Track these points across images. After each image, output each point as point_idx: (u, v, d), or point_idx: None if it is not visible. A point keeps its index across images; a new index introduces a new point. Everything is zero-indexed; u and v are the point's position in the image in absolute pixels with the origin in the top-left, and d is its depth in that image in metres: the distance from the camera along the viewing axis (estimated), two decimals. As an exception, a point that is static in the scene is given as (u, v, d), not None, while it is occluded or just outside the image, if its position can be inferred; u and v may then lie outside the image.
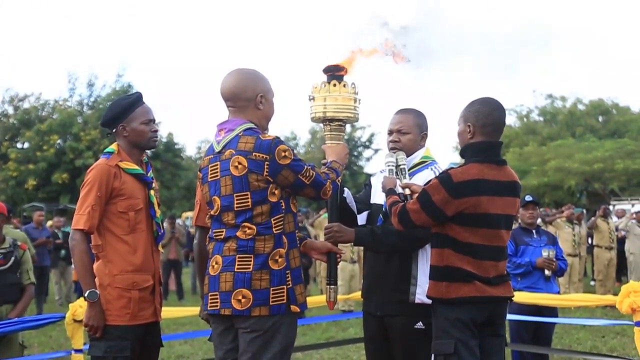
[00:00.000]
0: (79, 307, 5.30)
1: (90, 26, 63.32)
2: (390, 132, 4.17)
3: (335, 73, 3.96)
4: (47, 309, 13.50)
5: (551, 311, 6.56)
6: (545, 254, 6.48)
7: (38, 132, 31.14)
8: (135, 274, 3.91)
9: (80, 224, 3.83)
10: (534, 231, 6.78)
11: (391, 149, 4.12)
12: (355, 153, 41.48)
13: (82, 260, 3.84)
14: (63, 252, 14.65)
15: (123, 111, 4.01)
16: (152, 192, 4.07)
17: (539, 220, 7.34)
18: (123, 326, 3.86)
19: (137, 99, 4.07)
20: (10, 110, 33.87)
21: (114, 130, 4.06)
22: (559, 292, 6.83)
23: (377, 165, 39.78)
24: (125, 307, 3.87)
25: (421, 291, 3.88)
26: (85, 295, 3.82)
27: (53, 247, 14.64)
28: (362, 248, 11.73)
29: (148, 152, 4.24)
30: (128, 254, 3.92)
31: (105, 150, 4.06)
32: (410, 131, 4.13)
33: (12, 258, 5.73)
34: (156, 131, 4.11)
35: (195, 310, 6.56)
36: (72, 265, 14.26)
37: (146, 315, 3.96)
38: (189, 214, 28.15)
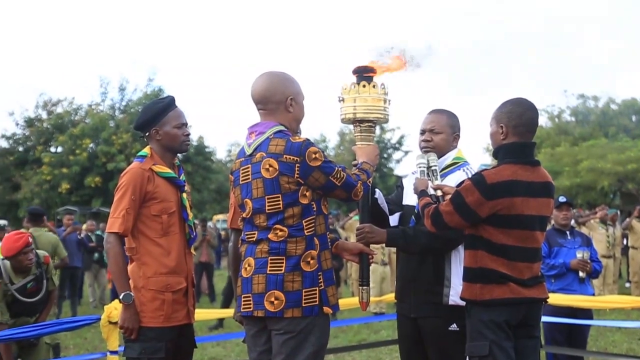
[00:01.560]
0: (113, 309, 5.34)
1: (121, 31, 63.94)
2: (423, 132, 4.16)
3: (364, 74, 3.95)
4: (82, 311, 13.63)
5: (586, 313, 6.50)
6: (579, 255, 6.41)
7: (71, 136, 31.49)
8: (169, 276, 3.94)
9: (114, 227, 3.86)
10: (567, 232, 6.72)
11: (423, 148, 4.11)
12: (385, 155, 41.39)
13: (117, 262, 3.87)
14: (96, 254, 14.78)
15: (156, 115, 4.04)
16: (184, 195, 4.09)
17: (572, 222, 7.26)
18: (157, 328, 3.89)
19: (170, 103, 4.09)
20: (44, 115, 34.27)
21: (146, 134, 4.09)
22: (593, 294, 6.76)
23: (407, 167, 39.72)
24: (159, 309, 3.90)
25: (455, 293, 3.86)
26: (120, 297, 3.85)
27: (86, 250, 14.80)
28: (393, 250, 11.72)
29: (179, 155, 4.27)
30: (161, 256, 3.95)
31: (139, 154, 4.10)
32: (442, 131, 4.12)
33: (44, 281, 5.84)
34: (188, 135, 4.13)
35: (227, 312, 6.60)
36: (105, 268, 14.45)
37: (179, 317, 3.99)
38: (220, 216, 28.34)
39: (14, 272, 5.75)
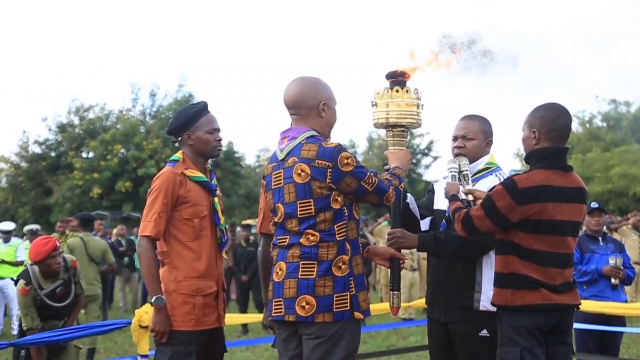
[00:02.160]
0: (144, 313, 5.39)
1: (152, 37, 64.47)
2: (455, 138, 4.15)
3: (397, 79, 3.95)
4: (112, 315, 13.74)
5: (618, 320, 6.43)
6: (612, 261, 6.34)
7: (102, 141, 31.79)
8: (200, 280, 3.96)
9: (147, 230, 3.90)
10: (600, 238, 6.66)
11: (456, 154, 4.09)
12: (414, 160, 41.24)
13: (149, 266, 3.90)
14: (126, 259, 14.89)
15: (188, 120, 4.07)
16: (216, 199, 4.12)
17: (604, 228, 7.18)
18: (188, 331, 3.92)
19: (203, 108, 4.12)
20: (76, 121, 34.63)
21: (179, 139, 4.12)
22: (626, 301, 6.68)
23: (436, 173, 39.51)
24: (190, 312, 3.93)
25: (486, 298, 3.84)
26: (152, 301, 3.88)
27: (116, 254, 14.92)
28: (422, 256, 11.66)
29: (210, 160, 4.30)
30: (192, 260, 3.97)
31: (171, 158, 4.13)
32: (475, 137, 4.10)
33: (72, 286, 5.90)
34: (220, 140, 4.16)
35: (256, 317, 6.62)
36: (136, 272, 14.55)
37: (210, 321, 4.01)
38: (249, 221, 28.40)
39: (43, 277, 5.81)
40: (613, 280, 6.33)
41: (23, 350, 5.64)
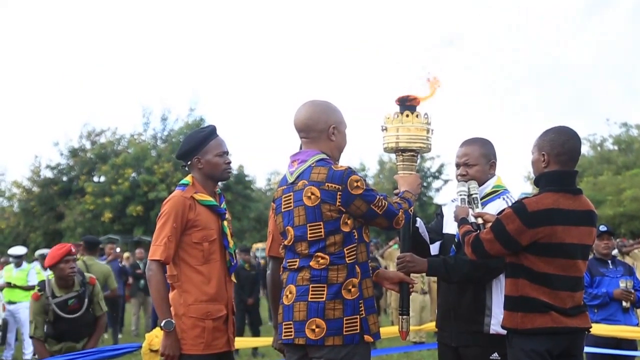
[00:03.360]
0: (154, 337, 5.37)
1: (163, 61, 64.94)
2: (458, 165, 4.16)
3: (408, 103, 3.98)
4: (123, 339, 13.71)
5: (630, 344, 6.38)
6: (622, 284, 6.32)
7: (113, 166, 31.92)
8: (209, 304, 3.97)
9: (157, 254, 3.91)
10: (609, 262, 6.63)
11: (460, 182, 4.10)
12: (425, 184, 41.22)
13: (158, 290, 3.91)
14: (142, 282, 14.90)
15: (198, 144, 4.09)
16: (225, 222, 4.13)
17: (615, 251, 7.16)
18: (197, 355, 3.92)
19: (211, 132, 4.15)
20: (88, 145, 34.82)
21: (188, 163, 4.14)
22: (637, 324, 6.64)
23: (446, 196, 39.44)
24: (200, 336, 3.93)
25: (496, 322, 3.83)
26: (162, 324, 3.88)
27: (133, 278, 14.96)
28: (433, 279, 11.61)
29: (220, 183, 4.32)
30: (202, 284, 3.97)
31: (180, 182, 4.15)
32: (477, 162, 4.09)
33: (86, 300, 5.85)
34: (230, 163, 4.18)
35: (264, 340, 6.60)
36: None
37: (220, 344, 4.01)
38: (260, 245, 28.40)
39: (58, 285, 5.79)
40: (624, 304, 6.30)
41: None
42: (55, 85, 62.69)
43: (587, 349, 6.16)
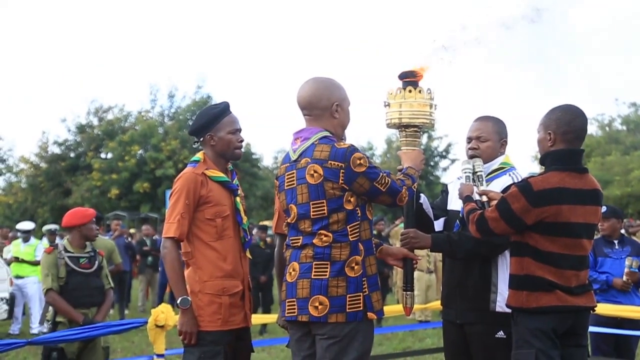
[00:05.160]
0: (160, 313, 5.40)
1: (170, 39, 64.79)
2: (469, 140, 4.13)
3: (410, 79, 3.95)
4: (129, 315, 13.80)
5: (633, 324, 6.36)
6: (628, 262, 6.28)
7: (120, 142, 31.97)
8: (225, 280, 3.94)
9: (170, 232, 3.88)
10: (615, 242, 6.59)
11: (470, 156, 4.08)
12: (432, 163, 41.17)
13: (173, 267, 3.88)
14: (150, 258, 14.95)
15: (211, 120, 4.05)
16: (238, 199, 4.09)
17: (622, 231, 7.11)
18: (215, 331, 3.89)
19: (225, 109, 4.10)
20: (95, 122, 34.88)
21: (201, 139, 4.11)
22: (640, 304, 6.62)
23: (454, 175, 39.36)
24: (217, 312, 3.90)
25: (502, 299, 3.82)
26: (178, 302, 3.85)
27: (140, 255, 15.05)
28: (439, 258, 11.62)
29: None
30: (217, 260, 3.94)
31: (192, 159, 4.11)
32: (489, 138, 4.09)
33: (96, 262, 5.92)
34: (242, 141, 4.12)
35: (272, 317, 6.63)
36: (159, 272, 14.61)
37: (237, 320, 3.98)
38: (267, 222, 28.47)
39: (72, 244, 5.89)
40: (625, 278, 6.27)
41: (55, 352, 5.64)
42: (63, 62, 62.63)
43: (590, 328, 6.16)
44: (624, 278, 6.30)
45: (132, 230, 19.02)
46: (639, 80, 63.16)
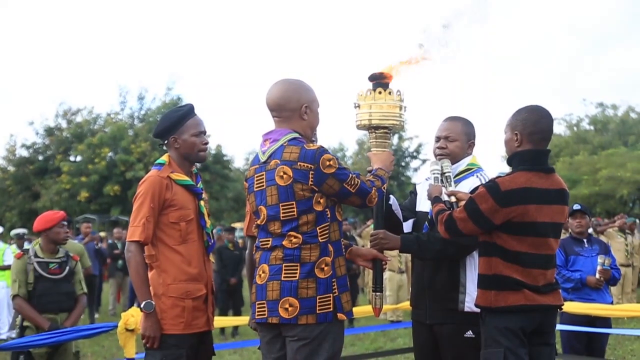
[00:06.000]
0: (130, 317, 5.36)
1: (140, 40, 64.39)
2: (438, 139, 4.16)
3: (380, 81, 3.96)
4: (99, 319, 13.70)
5: (604, 322, 6.45)
6: (600, 260, 6.36)
7: (90, 145, 31.68)
8: (189, 283, 3.94)
9: (135, 235, 3.87)
10: (585, 240, 6.67)
11: (437, 155, 4.11)
12: (403, 163, 41.33)
13: (137, 271, 3.86)
14: (120, 262, 14.84)
15: (175, 123, 4.04)
16: (202, 202, 4.09)
17: (590, 230, 7.21)
18: (178, 335, 3.89)
19: (189, 111, 4.09)
20: (64, 124, 34.50)
21: (165, 142, 4.10)
22: (612, 302, 6.71)
23: (424, 175, 39.57)
24: (180, 316, 3.90)
25: (470, 299, 3.85)
26: (142, 306, 3.85)
27: (110, 258, 14.93)
28: (410, 258, 11.69)
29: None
30: (181, 263, 3.94)
31: (157, 162, 4.10)
32: (457, 138, 4.12)
33: (67, 268, 5.87)
34: (206, 143, 4.12)
35: (244, 319, 6.62)
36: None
37: (199, 324, 3.98)
38: (238, 224, 28.39)
39: (43, 250, 5.85)
40: (597, 275, 6.35)
41: (22, 356, 5.59)
42: (31, 64, 61.96)
43: (562, 327, 6.24)
44: (597, 276, 6.38)
45: (102, 234, 18.82)
46: (606, 80, 64.01)
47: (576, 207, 6.69)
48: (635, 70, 62.85)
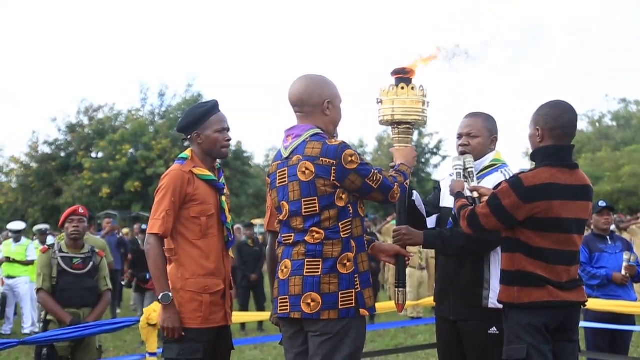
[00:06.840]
0: (152, 312, 5.39)
1: (160, 37, 64.63)
2: (460, 136, 4.14)
3: (403, 76, 3.95)
4: (121, 314, 13.79)
5: (629, 319, 6.40)
6: (626, 257, 6.31)
7: (111, 141, 31.87)
8: (207, 278, 3.96)
9: (155, 228, 3.90)
10: (608, 237, 6.62)
11: (461, 152, 4.09)
12: (423, 160, 41.20)
13: (156, 263, 3.90)
14: None
15: (198, 119, 4.06)
16: (223, 198, 4.11)
17: (613, 227, 7.16)
18: (195, 329, 3.91)
19: (213, 107, 4.11)
20: (86, 121, 34.74)
21: (188, 137, 4.12)
22: (636, 300, 6.66)
23: (445, 172, 39.42)
24: (197, 310, 3.92)
25: (494, 296, 3.83)
26: (159, 297, 3.88)
27: (132, 254, 14.96)
28: (431, 255, 11.66)
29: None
30: (200, 258, 3.97)
31: (180, 156, 4.13)
32: (479, 134, 4.10)
33: (90, 263, 5.91)
34: (229, 140, 4.13)
35: (264, 315, 6.64)
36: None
37: (217, 319, 4.01)
38: (258, 221, 28.45)
39: (67, 245, 5.91)
40: (623, 272, 6.31)
41: (45, 349, 5.64)
42: (53, 61, 62.41)
43: (586, 324, 6.20)
44: (623, 272, 6.34)
45: (125, 230, 18.91)
46: (629, 76, 63.41)
47: (602, 204, 6.63)
48: (658, 65, 62.19)
